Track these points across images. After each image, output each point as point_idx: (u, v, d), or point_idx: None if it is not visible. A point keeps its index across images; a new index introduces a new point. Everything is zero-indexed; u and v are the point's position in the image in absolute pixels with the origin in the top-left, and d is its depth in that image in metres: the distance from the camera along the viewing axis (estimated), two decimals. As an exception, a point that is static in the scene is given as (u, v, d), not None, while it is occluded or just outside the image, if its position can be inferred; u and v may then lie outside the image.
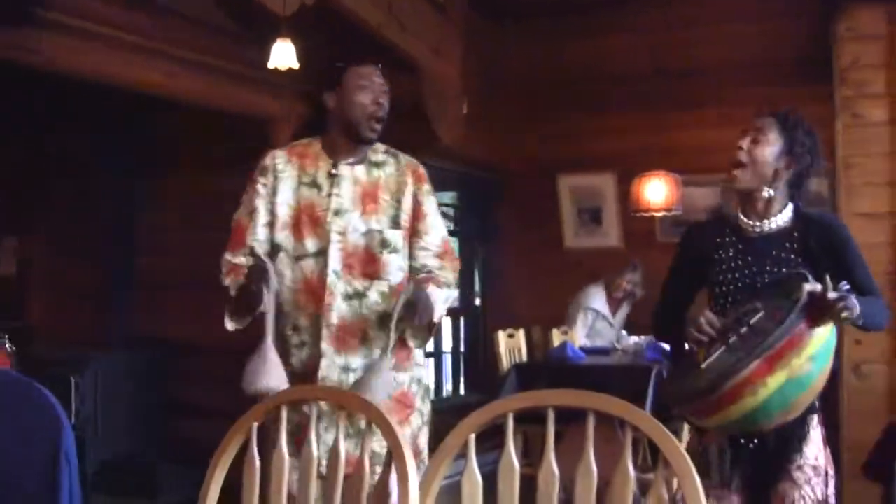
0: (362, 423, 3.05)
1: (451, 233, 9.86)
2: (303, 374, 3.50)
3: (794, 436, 3.19)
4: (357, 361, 3.50)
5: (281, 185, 3.58)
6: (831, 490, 3.22)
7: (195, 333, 6.90)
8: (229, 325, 3.50)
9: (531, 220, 9.13)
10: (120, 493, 6.85)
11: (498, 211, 9.47)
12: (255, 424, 2.49)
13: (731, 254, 3.35)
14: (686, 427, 5.92)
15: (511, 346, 7.52)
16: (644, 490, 2.16)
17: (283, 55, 5.53)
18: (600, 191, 8.97)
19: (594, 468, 2.16)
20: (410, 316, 3.40)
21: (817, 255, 3.24)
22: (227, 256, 3.59)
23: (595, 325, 8.00)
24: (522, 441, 6.34)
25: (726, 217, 3.45)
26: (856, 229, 4.05)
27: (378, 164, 3.64)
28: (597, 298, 8.05)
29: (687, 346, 3.23)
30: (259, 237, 3.57)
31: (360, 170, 3.61)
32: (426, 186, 3.68)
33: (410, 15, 7.02)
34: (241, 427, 2.53)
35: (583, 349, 7.28)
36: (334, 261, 3.51)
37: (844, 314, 2.89)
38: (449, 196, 10.77)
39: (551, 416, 2.22)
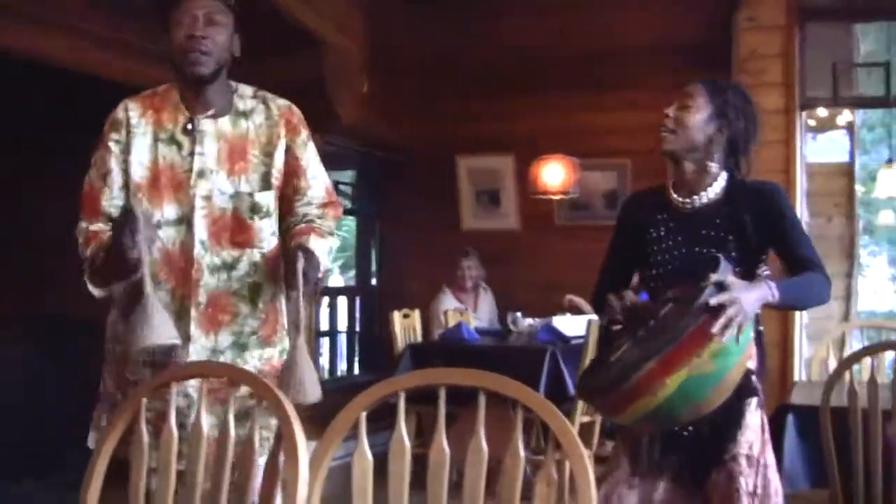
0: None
1: (348, 212, 9.85)
2: (163, 360, 3.03)
3: (730, 422, 3.00)
4: (226, 341, 3.09)
5: (135, 142, 3.09)
6: (768, 480, 2.99)
7: (96, 312, 6.72)
8: (95, 292, 3.14)
9: (429, 201, 9.10)
10: (9, 476, 6.70)
11: (396, 191, 9.44)
12: (144, 401, 2.45)
13: (662, 232, 3.15)
14: (579, 409, 5.99)
15: (406, 326, 7.50)
16: (535, 470, 2.16)
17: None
18: (499, 173, 8.98)
19: (485, 447, 2.16)
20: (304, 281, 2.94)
21: (751, 229, 3.04)
22: (83, 224, 3.15)
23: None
24: (416, 422, 6.34)
25: (660, 191, 3.23)
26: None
27: (245, 114, 3.16)
28: (445, 300, 8.27)
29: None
30: (117, 202, 3.10)
31: (225, 122, 3.13)
32: (302, 136, 3.21)
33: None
34: (129, 405, 2.49)
35: (478, 330, 7.30)
36: (200, 230, 3.06)
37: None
38: (347, 175, 10.73)
39: (443, 394, 2.22)
